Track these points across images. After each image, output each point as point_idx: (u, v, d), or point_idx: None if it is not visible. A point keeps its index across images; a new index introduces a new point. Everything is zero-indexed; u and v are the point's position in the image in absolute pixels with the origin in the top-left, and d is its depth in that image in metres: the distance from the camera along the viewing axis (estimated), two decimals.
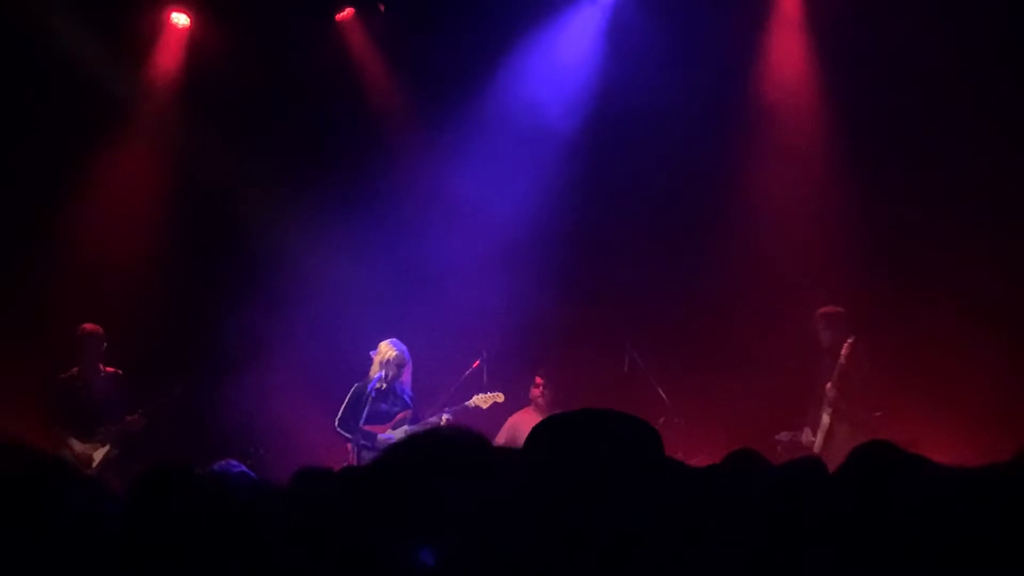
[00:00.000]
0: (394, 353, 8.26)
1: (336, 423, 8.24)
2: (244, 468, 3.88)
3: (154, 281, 9.68)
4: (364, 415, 8.10)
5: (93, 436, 8.43)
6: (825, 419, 8.02)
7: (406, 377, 8.33)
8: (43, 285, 9.51)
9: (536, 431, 1.99)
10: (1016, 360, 8.19)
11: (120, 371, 8.67)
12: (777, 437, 8.25)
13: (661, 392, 8.77)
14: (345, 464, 7.87)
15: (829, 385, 8.00)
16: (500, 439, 8.81)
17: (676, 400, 8.75)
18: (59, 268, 9.56)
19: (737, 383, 8.82)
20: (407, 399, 8.30)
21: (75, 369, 8.58)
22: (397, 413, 8.22)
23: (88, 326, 8.58)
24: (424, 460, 1.92)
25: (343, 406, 8.25)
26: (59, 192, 9.71)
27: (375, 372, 8.26)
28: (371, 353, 8.41)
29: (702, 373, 9.02)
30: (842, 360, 7.95)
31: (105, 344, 8.61)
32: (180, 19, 10.08)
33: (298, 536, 1.84)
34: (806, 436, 8.13)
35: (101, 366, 8.62)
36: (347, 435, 8.17)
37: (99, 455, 8.40)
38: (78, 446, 8.38)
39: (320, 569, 1.82)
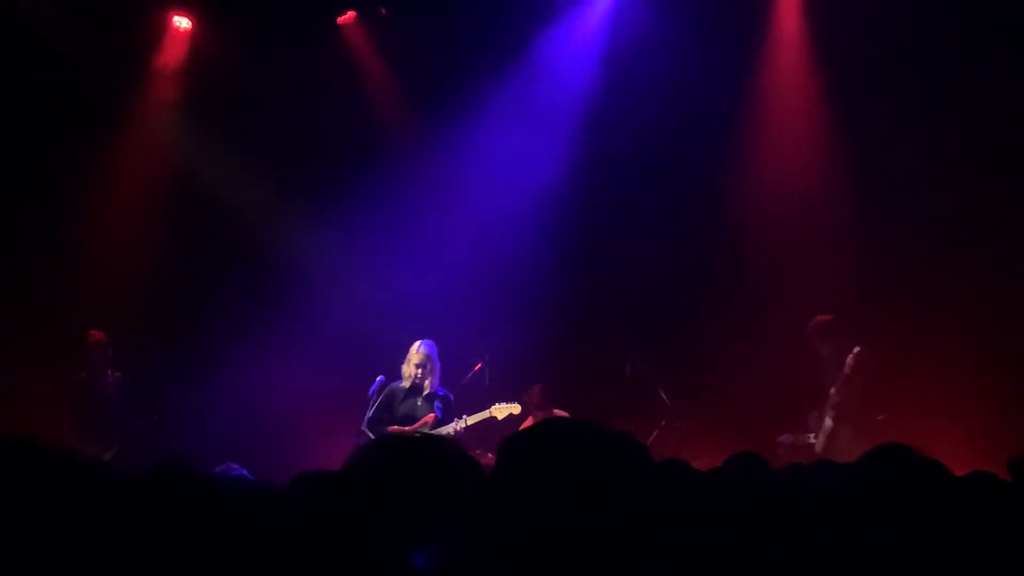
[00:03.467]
0: (416, 354, 8.14)
1: (364, 424, 8.09)
2: (244, 471, 3.87)
3: (155, 281, 9.70)
4: (391, 416, 8.01)
5: (98, 440, 8.53)
6: (828, 422, 8.01)
7: (434, 379, 8.14)
8: (45, 284, 9.53)
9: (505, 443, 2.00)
10: (1018, 361, 8.18)
11: (126, 375, 8.81)
12: (779, 440, 8.25)
13: (663, 395, 8.75)
14: None
15: (833, 390, 8.01)
16: None
17: (678, 403, 8.74)
18: (61, 267, 9.57)
19: (739, 386, 8.81)
20: (437, 403, 8.11)
21: (83, 373, 8.78)
22: (422, 416, 8.09)
23: (94, 334, 8.75)
24: (411, 464, 1.92)
25: (371, 407, 8.13)
26: (62, 193, 9.70)
27: (404, 372, 8.21)
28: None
29: (704, 376, 9.01)
30: (847, 368, 7.95)
31: (111, 350, 8.78)
32: (182, 22, 10.11)
33: (296, 539, 1.84)
34: (809, 439, 8.12)
35: (109, 371, 8.79)
36: (371, 436, 8.08)
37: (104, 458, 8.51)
38: (85, 449, 8.51)
39: (317, 571, 1.82)
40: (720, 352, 9.09)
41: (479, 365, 8.85)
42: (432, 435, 2.03)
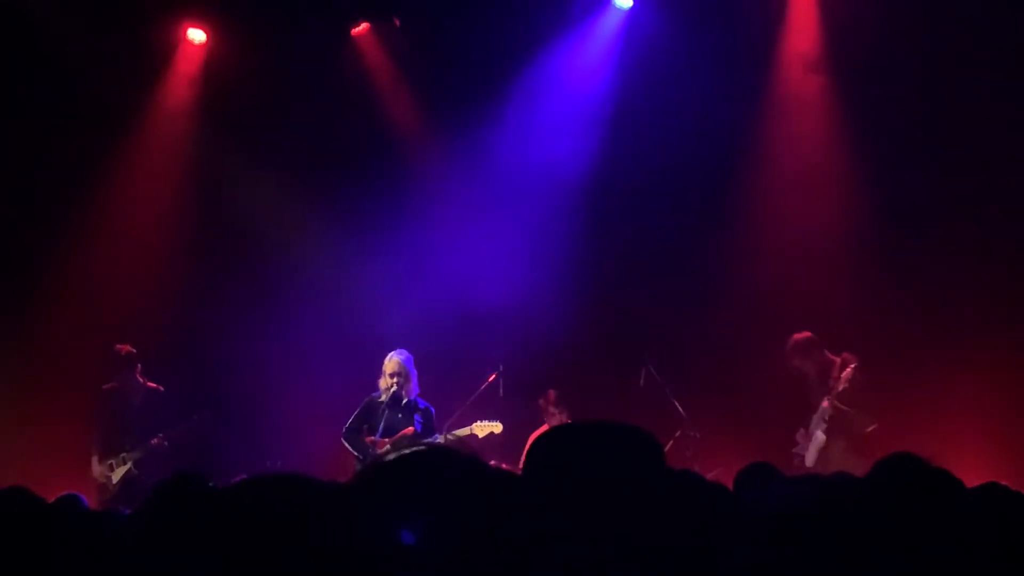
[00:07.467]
0: (393, 365, 8.12)
1: (342, 434, 8.16)
2: None
3: (168, 294, 9.73)
4: (371, 428, 8.00)
5: (119, 452, 8.59)
6: (820, 436, 8.02)
7: (411, 388, 8.14)
8: (58, 295, 9.55)
9: (537, 443, 2.01)
10: (1010, 372, 8.15)
11: (161, 387, 8.84)
12: (795, 450, 8.22)
13: (678, 406, 8.73)
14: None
15: (825, 403, 8.00)
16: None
17: (693, 414, 8.71)
18: (75, 279, 9.60)
19: (754, 396, 8.79)
20: (417, 416, 8.09)
21: (114, 384, 8.80)
22: (403, 427, 8.03)
23: (120, 347, 8.80)
24: (422, 470, 1.93)
25: (351, 418, 8.20)
26: (76, 207, 9.76)
27: (381, 385, 8.21)
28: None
29: (718, 386, 8.98)
30: (843, 382, 7.94)
31: (139, 363, 8.81)
32: (197, 35, 10.15)
33: (311, 548, 1.85)
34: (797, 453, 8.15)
35: (141, 380, 8.82)
36: (348, 447, 8.10)
37: (120, 472, 8.54)
38: (102, 461, 8.66)
39: None
40: (735, 362, 9.07)
41: (493, 376, 8.85)
42: (432, 445, 2.03)
